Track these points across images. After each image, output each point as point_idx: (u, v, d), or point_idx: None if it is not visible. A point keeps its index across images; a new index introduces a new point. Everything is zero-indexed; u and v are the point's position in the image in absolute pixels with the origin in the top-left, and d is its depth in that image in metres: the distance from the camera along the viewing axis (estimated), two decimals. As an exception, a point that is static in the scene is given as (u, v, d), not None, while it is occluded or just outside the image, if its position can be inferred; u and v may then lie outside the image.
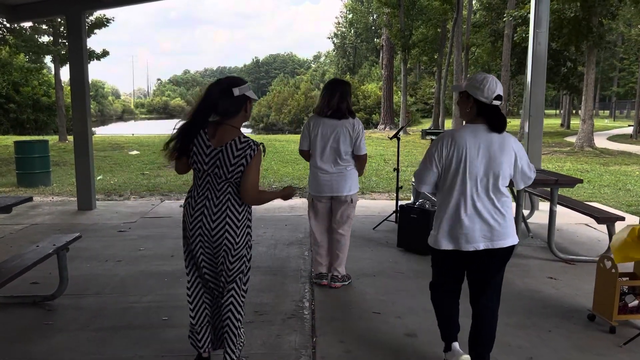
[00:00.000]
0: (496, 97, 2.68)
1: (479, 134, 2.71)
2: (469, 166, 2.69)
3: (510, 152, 2.71)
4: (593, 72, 18.61)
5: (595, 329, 3.63)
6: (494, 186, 2.71)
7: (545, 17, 7.48)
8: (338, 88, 4.16)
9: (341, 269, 4.43)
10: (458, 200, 2.74)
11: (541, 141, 7.74)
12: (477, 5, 32.88)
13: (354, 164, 4.26)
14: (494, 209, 2.73)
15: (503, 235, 2.73)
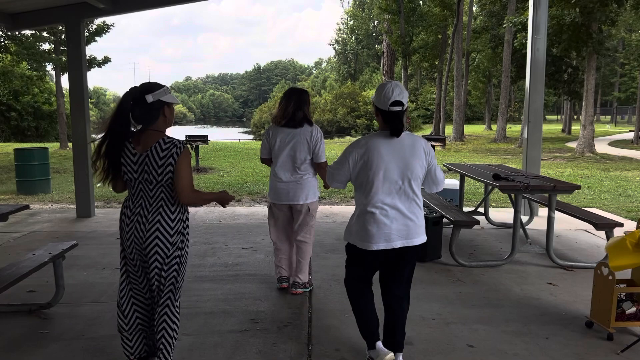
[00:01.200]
0: (393, 103, 2.83)
1: (389, 139, 2.89)
2: (384, 169, 2.85)
3: (421, 154, 2.90)
4: (593, 77, 18.61)
5: (592, 336, 3.61)
6: (409, 187, 2.89)
7: (543, 23, 7.49)
8: (293, 97, 4.17)
9: (302, 276, 4.41)
10: (375, 201, 2.88)
11: (540, 147, 7.73)
12: (478, 11, 32.95)
13: (312, 172, 4.27)
14: (409, 209, 2.91)
15: (417, 233, 2.95)
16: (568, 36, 18.44)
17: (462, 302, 4.27)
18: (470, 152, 20.70)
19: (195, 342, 3.49)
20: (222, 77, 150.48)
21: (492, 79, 36.43)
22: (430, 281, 4.79)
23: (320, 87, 68.64)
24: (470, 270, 5.09)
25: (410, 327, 3.76)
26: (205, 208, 8.40)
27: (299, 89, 4.30)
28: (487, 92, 38.40)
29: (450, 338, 3.59)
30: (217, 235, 6.40)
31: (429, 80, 49.87)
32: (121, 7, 7.65)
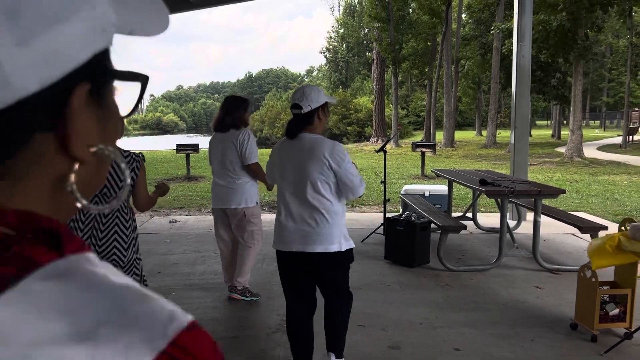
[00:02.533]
0: (291, 106, 2.87)
1: (294, 142, 2.88)
2: (284, 172, 2.89)
3: (318, 158, 2.77)
4: (580, 83, 18.81)
5: (577, 338, 3.66)
6: (305, 192, 2.80)
7: (528, 30, 7.61)
8: (225, 104, 4.21)
9: (241, 280, 4.36)
10: (279, 201, 2.94)
11: (527, 152, 7.82)
12: (466, 18, 33.27)
13: (247, 176, 4.19)
14: (308, 215, 2.81)
15: (316, 240, 2.80)
16: (555, 42, 18.66)
17: (450, 306, 4.31)
18: (460, 158, 20.83)
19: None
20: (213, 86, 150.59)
21: (482, 85, 36.71)
22: (418, 286, 4.83)
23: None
24: (459, 275, 5.14)
25: (397, 331, 3.80)
26: (195, 217, 8.40)
27: (231, 96, 4.30)
28: (477, 98, 38.66)
29: (437, 342, 3.63)
30: (207, 244, 6.41)
31: (420, 87, 50.19)
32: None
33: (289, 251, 2.87)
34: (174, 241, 6.63)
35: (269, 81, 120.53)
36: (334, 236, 2.84)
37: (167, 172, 14.94)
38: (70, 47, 0.39)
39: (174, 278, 5.10)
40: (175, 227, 7.53)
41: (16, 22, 0.36)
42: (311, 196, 2.80)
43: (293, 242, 2.84)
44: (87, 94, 0.42)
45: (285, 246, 2.87)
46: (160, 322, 0.37)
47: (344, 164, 2.80)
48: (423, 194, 7.55)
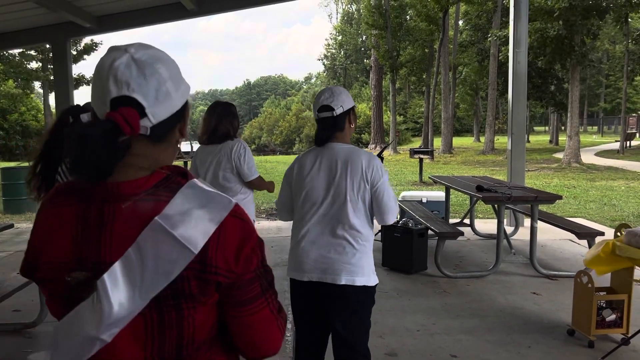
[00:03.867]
0: (320, 108, 2.43)
1: (322, 152, 2.44)
2: (311, 190, 2.42)
3: (357, 172, 2.35)
4: (577, 89, 18.89)
5: (574, 344, 3.66)
6: (340, 212, 2.36)
7: (524, 37, 7.64)
8: (215, 110, 3.76)
9: None
10: (299, 227, 2.46)
11: (524, 158, 7.84)
12: (463, 25, 33.44)
13: (246, 192, 3.77)
14: (335, 240, 2.37)
15: (340, 270, 2.34)
16: (552, 49, 18.75)
17: (447, 313, 4.30)
18: (458, 164, 20.86)
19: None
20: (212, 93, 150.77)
21: (480, 91, 36.84)
22: (415, 292, 4.83)
23: (310, 102, 68.93)
24: (456, 281, 5.14)
25: (395, 338, 3.79)
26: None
27: (220, 102, 3.91)
28: (474, 104, 38.77)
29: (434, 349, 3.62)
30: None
31: (417, 94, 50.32)
32: (107, 27, 7.73)
33: (308, 281, 2.41)
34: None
35: (268, 88, 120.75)
36: (363, 267, 2.39)
37: (165, 180, 14.94)
38: (184, 96, 1.06)
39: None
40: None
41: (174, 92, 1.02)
42: (343, 218, 2.36)
43: (312, 271, 2.40)
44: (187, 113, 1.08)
45: (301, 275, 2.42)
46: (227, 202, 0.98)
47: (382, 181, 2.38)
48: (420, 201, 7.55)
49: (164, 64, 0.99)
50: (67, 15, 6.86)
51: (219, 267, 0.94)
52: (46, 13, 6.94)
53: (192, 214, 0.93)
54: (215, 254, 0.94)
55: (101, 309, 0.89)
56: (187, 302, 0.94)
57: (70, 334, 0.93)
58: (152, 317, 0.94)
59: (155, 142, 0.99)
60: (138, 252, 0.91)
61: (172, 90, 0.99)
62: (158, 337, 0.96)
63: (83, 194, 0.98)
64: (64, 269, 0.95)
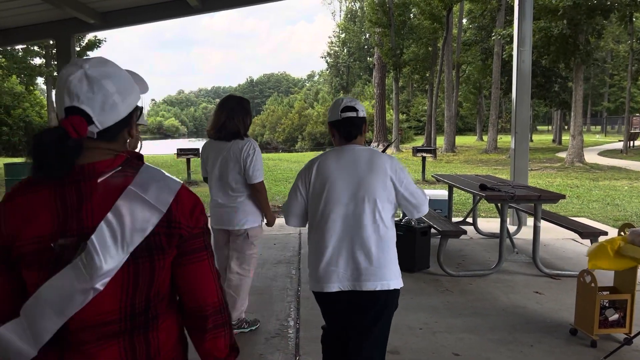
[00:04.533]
0: (344, 109, 2.49)
1: (343, 154, 2.44)
2: (332, 191, 2.37)
3: (382, 172, 2.36)
4: (581, 88, 18.84)
5: (576, 343, 3.65)
6: (367, 213, 2.33)
7: (528, 35, 7.62)
8: (226, 105, 3.59)
9: (236, 312, 3.76)
10: (325, 232, 2.37)
11: (527, 157, 7.82)
12: (467, 24, 33.36)
13: (249, 193, 3.63)
14: (364, 244, 2.33)
15: (370, 276, 2.32)
16: (556, 48, 18.70)
17: (449, 312, 4.30)
18: (461, 163, 20.84)
19: (182, 354, 3.50)
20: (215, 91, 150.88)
21: (483, 90, 36.77)
22: (418, 291, 4.83)
23: (313, 100, 68.94)
24: (458, 280, 5.14)
25: (397, 336, 3.79)
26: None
27: (233, 96, 3.70)
28: (478, 103, 38.71)
29: (436, 347, 3.62)
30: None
31: (421, 92, 50.25)
32: (111, 23, 7.73)
33: (336, 292, 2.34)
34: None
35: (270, 86, 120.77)
36: (392, 270, 2.38)
37: (168, 177, 14.95)
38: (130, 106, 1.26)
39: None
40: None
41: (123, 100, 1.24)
42: (371, 219, 2.32)
43: (342, 280, 2.34)
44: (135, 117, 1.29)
45: (329, 286, 2.34)
46: (177, 180, 1.27)
47: (406, 179, 2.41)
48: (423, 199, 7.54)
49: (112, 80, 1.20)
50: (71, 11, 6.86)
51: (181, 223, 1.23)
52: (50, 9, 6.94)
53: (156, 184, 1.22)
54: (177, 213, 1.22)
55: (93, 264, 1.11)
56: (157, 254, 1.19)
57: (61, 289, 1.11)
58: (129, 269, 1.16)
59: (108, 140, 1.23)
60: (117, 215, 1.15)
61: (119, 101, 1.21)
62: (132, 287, 1.18)
63: (55, 180, 1.18)
64: (48, 240, 1.14)
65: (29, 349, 1.14)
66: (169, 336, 1.29)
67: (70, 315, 1.14)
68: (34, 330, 1.14)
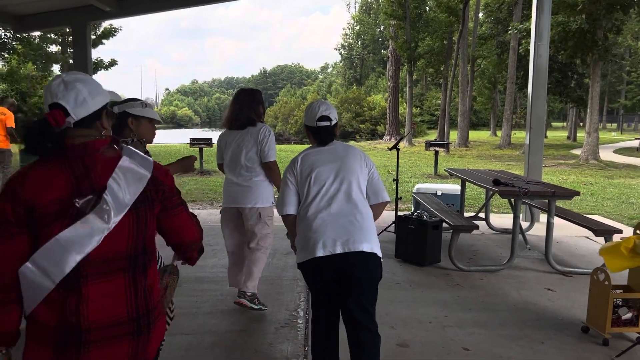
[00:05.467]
0: (319, 118, 2.79)
1: (318, 148, 2.82)
2: (320, 175, 2.70)
3: (357, 156, 2.77)
4: (598, 85, 18.59)
5: (588, 341, 3.62)
6: (353, 188, 2.68)
7: (546, 30, 7.52)
8: (238, 99, 3.93)
9: (250, 284, 3.98)
10: (312, 211, 2.65)
11: (542, 153, 7.74)
12: (483, 17, 33.00)
13: (263, 175, 3.91)
14: (352, 213, 2.62)
15: (361, 239, 2.56)
16: (573, 43, 18.44)
17: (460, 306, 4.29)
18: (474, 158, 20.70)
19: (192, 342, 3.53)
20: (228, 81, 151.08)
21: (498, 85, 36.42)
22: (428, 285, 4.81)
23: (326, 92, 68.80)
24: (469, 275, 5.11)
25: (406, 330, 3.79)
26: (207, 210, 8.44)
27: (245, 89, 4.02)
28: (492, 98, 38.38)
29: (446, 341, 3.61)
30: (219, 237, 6.40)
31: (434, 86, 49.92)
32: (127, 10, 7.74)
33: (328, 255, 2.54)
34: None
35: (284, 77, 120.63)
36: (375, 238, 2.65)
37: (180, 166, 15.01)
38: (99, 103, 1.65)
39: (185, 270, 5.11)
40: (187, 220, 7.56)
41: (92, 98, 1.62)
42: (356, 194, 2.68)
43: (335, 245, 2.54)
44: (105, 114, 1.67)
45: (323, 250, 2.54)
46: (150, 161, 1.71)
47: (374, 166, 2.84)
48: (435, 193, 7.51)
49: (82, 83, 1.59)
50: (87, -1, 6.89)
51: (163, 182, 1.69)
52: (67, -4, 6.98)
53: (139, 157, 1.66)
54: (158, 175, 1.68)
55: (108, 210, 1.53)
56: (149, 205, 1.63)
57: (82, 232, 1.50)
58: (132, 216, 1.58)
59: (85, 128, 1.60)
60: (119, 176, 1.58)
61: (88, 99, 1.59)
62: (135, 231, 1.59)
63: (61, 157, 1.56)
64: (68, 200, 1.52)
65: (48, 283, 1.48)
66: (155, 277, 1.72)
67: (89, 251, 1.51)
68: (55, 267, 1.48)
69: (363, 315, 2.62)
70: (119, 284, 1.56)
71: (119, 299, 1.56)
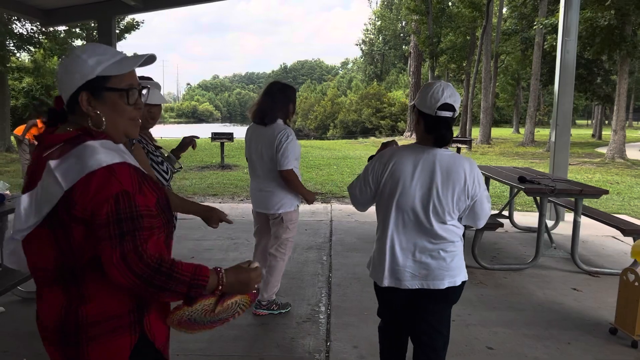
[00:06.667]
0: (441, 106, 2.22)
1: (421, 156, 2.27)
2: (401, 193, 2.26)
3: (460, 180, 2.23)
4: (626, 81, 18.19)
5: (616, 343, 3.54)
6: (435, 219, 2.26)
7: (574, 25, 7.37)
8: (269, 91, 3.65)
9: (267, 294, 3.84)
10: (392, 232, 2.32)
11: (568, 151, 7.60)
12: (508, 13, 32.51)
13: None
14: (430, 248, 2.29)
15: (439, 276, 2.29)
16: (601, 39, 18.06)
17: (483, 305, 4.23)
18: (496, 155, 20.44)
19: (215, 335, 3.53)
20: (248, 76, 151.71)
21: (522, 81, 35.89)
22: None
23: (346, 88, 68.60)
24: (493, 273, 5.04)
25: (429, 327, 3.74)
26: (229, 204, 8.48)
27: (279, 84, 3.73)
28: (515, 95, 37.85)
29: (469, 340, 3.57)
30: (240, 231, 6.46)
31: (456, 82, 49.41)
32: (152, 5, 7.79)
33: (405, 289, 2.33)
34: (207, 227, 6.69)
35: (304, 72, 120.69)
36: (460, 267, 2.36)
37: (201, 160, 15.13)
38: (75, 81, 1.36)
39: (208, 263, 5.06)
40: (208, 214, 7.60)
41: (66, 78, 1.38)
42: (438, 225, 2.26)
43: (407, 279, 2.32)
44: (89, 96, 1.38)
45: (399, 283, 2.33)
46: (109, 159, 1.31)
47: (482, 190, 2.30)
48: (458, 190, 7.41)
49: (65, 59, 1.41)
50: (113, -7, 6.96)
51: (77, 204, 1.28)
52: (93, -10, 7.06)
53: (73, 162, 1.29)
54: (77, 193, 1.28)
55: (17, 219, 1.36)
56: (64, 226, 1.31)
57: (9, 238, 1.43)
58: (50, 233, 1.34)
59: (72, 114, 1.42)
60: (40, 184, 1.33)
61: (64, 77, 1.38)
62: (57, 247, 1.34)
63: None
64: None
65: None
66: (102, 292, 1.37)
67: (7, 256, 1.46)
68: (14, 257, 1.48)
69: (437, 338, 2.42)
70: (54, 295, 1.40)
71: (51, 306, 1.40)
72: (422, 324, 2.40)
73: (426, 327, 2.39)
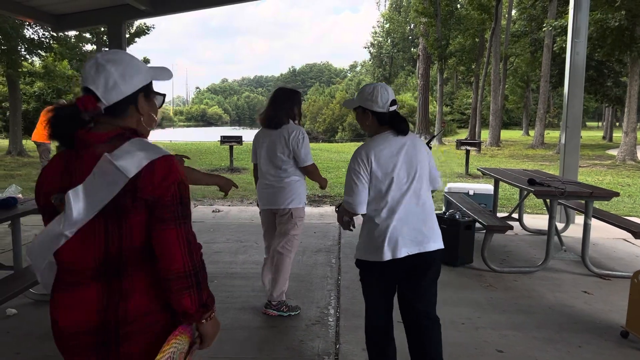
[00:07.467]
0: (391, 103, 2.63)
1: (391, 141, 2.61)
2: (395, 170, 2.55)
3: (423, 152, 2.67)
4: (636, 83, 18.04)
5: (628, 347, 3.51)
6: (423, 187, 2.62)
7: (584, 26, 7.33)
8: (274, 98, 3.88)
9: (275, 294, 3.92)
10: (390, 210, 2.55)
11: (578, 153, 7.55)
12: (517, 15, 32.39)
13: (298, 175, 3.86)
14: (424, 213, 2.59)
15: (430, 239, 2.57)
16: (611, 40, 17.94)
17: (493, 307, 4.21)
18: (506, 158, 20.33)
19: (225, 336, 3.55)
20: (257, 80, 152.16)
21: (531, 83, 35.70)
22: (461, 285, 4.74)
23: (355, 90, 68.53)
24: (502, 276, 5.02)
25: (438, 330, 3.73)
26: (238, 207, 8.51)
27: (281, 89, 3.95)
28: (525, 97, 37.65)
29: (479, 342, 3.55)
30: (249, 234, 6.48)
31: (465, 84, 49.27)
32: (161, 9, 7.84)
33: (401, 257, 2.52)
34: (216, 230, 6.74)
35: (312, 76, 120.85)
36: (440, 232, 2.68)
37: (210, 163, 15.19)
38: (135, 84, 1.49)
39: (217, 266, 5.18)
40: (218, 217, 7.66)
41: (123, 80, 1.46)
42: (425, 192, 2.62)
43: (407, 246, 2.53)
44: (143, 96, 1.52)
45: (396, 252, 2.52)
46: (163, 150, 1.45)
47: (430, 157, 2.75)
48: (467, 193, 7.40)
49: (113, 64, 1.45)
50: (123, -2, 7.01)
51: (145, 189, 1.38)
52: (104, -5, 7.11)
53: (132, 153, 1.40)
54: (145, 180, 1.38)
55: (67, 214, 1.37)
56: (124, 214, 1.39)
57: (48, 235, 1.41)
58: (101, 225, 1.40)
59: (114, 116, 1.47)
60: (93, 177, 1.38)
61: (120, 81, 1.44)
62: (104, 240, 1.41)
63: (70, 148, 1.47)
64: (52, 194, 1.44)
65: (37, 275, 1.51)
66: (140, 286, 1.45)
67: (48, 256, 1.44)
68: (35, 261, 1.47)
69: (428, 305, 2.73)
70: (90, 295, 1.44)
71: (84, 308, 1.44)
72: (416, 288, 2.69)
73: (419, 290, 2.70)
